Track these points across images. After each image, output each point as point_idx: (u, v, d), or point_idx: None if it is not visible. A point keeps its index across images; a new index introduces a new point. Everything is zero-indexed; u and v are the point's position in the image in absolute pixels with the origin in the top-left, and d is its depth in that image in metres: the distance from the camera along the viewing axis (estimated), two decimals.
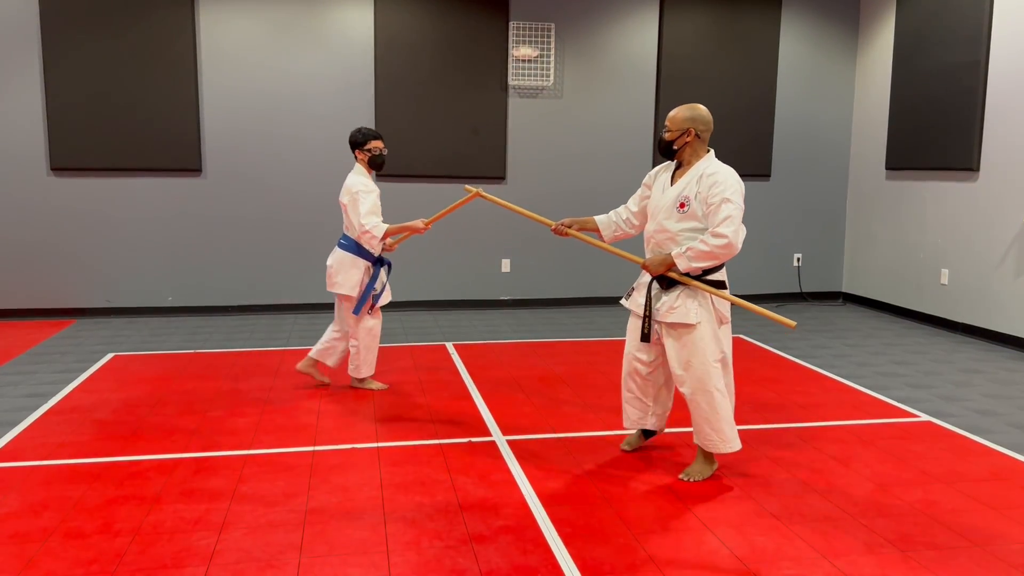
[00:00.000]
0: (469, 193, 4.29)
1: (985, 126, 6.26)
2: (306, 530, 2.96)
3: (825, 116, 7.90)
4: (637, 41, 7.49)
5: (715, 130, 3.64)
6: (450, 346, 5.95)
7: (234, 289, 7.14)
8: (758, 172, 7.76)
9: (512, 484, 3.40)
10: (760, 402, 4.60)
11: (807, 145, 7.89)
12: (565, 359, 5.56)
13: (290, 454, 3.73)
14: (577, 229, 3.83)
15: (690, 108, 3.44)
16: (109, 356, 5.54)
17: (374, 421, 4.21)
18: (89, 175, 6.81)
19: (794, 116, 7.81)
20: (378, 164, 4.66)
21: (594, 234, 3.85)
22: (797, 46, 7.75)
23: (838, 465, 3.65)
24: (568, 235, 3.82)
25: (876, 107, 7.55)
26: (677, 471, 3.54)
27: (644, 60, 7.52)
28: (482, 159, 7.33)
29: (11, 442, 3.86)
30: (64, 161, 6.72)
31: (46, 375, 5.06)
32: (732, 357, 3.51)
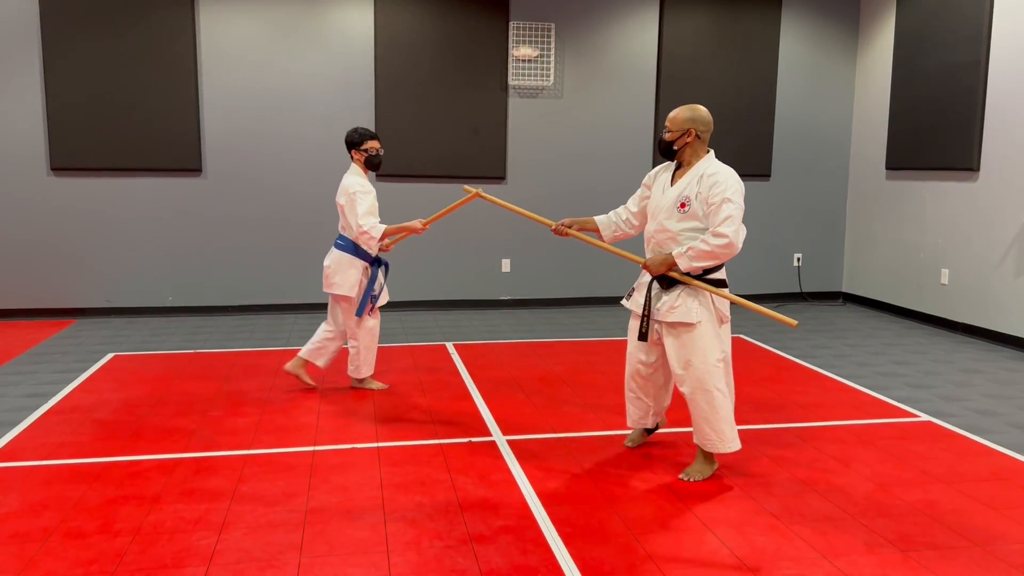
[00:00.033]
0: (468, 194, 4.28)
1: (985, 126, 6.26)
2: (306, 530, 2.96)
3: (825, 116, 7.90)
4: (637, 41, 7.49)
5: (715, 130, 3.64)
6: (450, 346, 5.95)
7: (234, 289, 7.14)
8: (758, 172, 7.76)
9: (512, 484, 3.40)
10: (760, 402, 4.60)
11: (807, 145, 7.89)
12: (565, 359, 5.56)
13: (290, 454, 3.73)
14: (577, 229, 3.83)
15: (690, 109, 3.45)
16: (109, 356, 5.54)
17: (374, 421, 4.21)
18: (89, 175, 6.81)
19: (794, 116, 7.81)
20: (375, 164, 4.64)
21: (594, 234, 3.85)
22: (797, 46, 7.75)
23: (838, 465, 3.65)
24: (568, 235, 3.83)
25: (876, 107, 7.55)
26: (677, 471, 3.54)
27: (644, 60, 7.52)
28: (482, 159, 7.33)
29: (11, 442, 3.86)
30: (64, 161, 6.72)
31: (46, 375, 5.06)
32: (731, 357, 3.52)
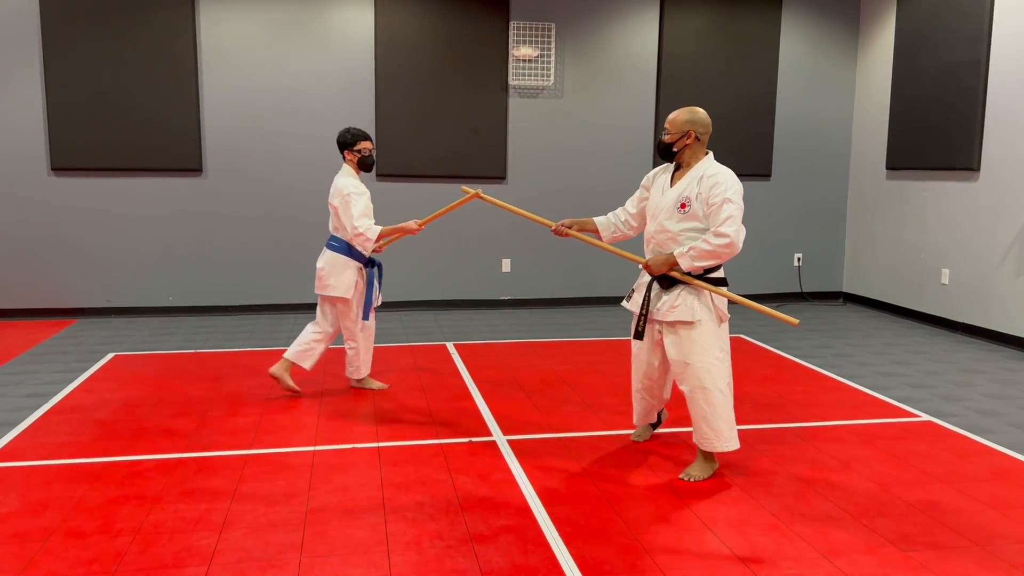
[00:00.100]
0: (467, 194, 4.28)
1: (986, 126, 6.25)
2: (307, 530, 2.96)
3: (825, 116, 7.89)
4: (637, 41, 7.49)
5: (715, 130, 3.65)
6: (450, 346, 5.95)
7: (234, 289, 7.14)
8: (758, 172, 7.76)
9: (512, 484, 3.40)
10: (760, 402, 4.60)
11: (807, 145, 7.89)
12: (565, 359, 5.56)
13: (290, 454, 3.73)
14: (577, 230, 3.85)
15: (689, 111, 3.47)
16: (109, 356, 5.54)
17: (374, 421, 4.21)
18: (89, 175, 6.81)
19: (794, 116, 7.81)
20: (367, 165, 4.59)
21: (593, 235, 3.86)
22: (797, 46, 7.75)
23: (838, 465, 3.65)
24: (568, 236, 3.85)
25: (876, 107, 7.54)
26: (677, 471, 3.54)
27: (644, 60, 7.52)
28: (482, 159, 7.33)
29: (11, 442, 3.86)
30: (64, 161, 6.72)
31: (46, 375, 5.06)
32: (731, 356, 3.52)
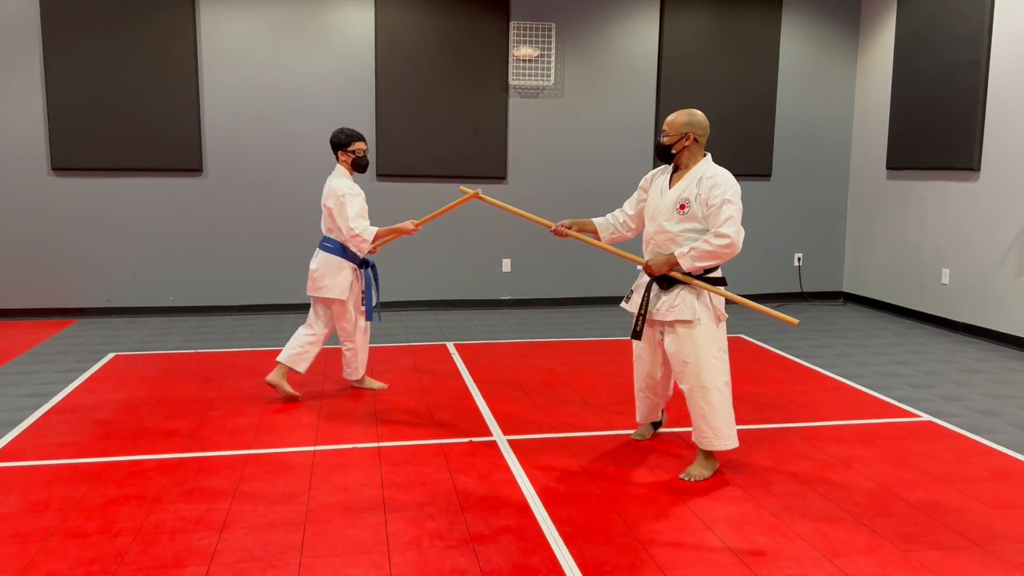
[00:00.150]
0: (465, 194, 4.27)
1: (986, 126, 6.25)
2: (307, 530, 2.96)
3: (826, 116, 7.89)
4: (638, 41, 7.49)
5: (715, 130, 3.67)
6: (451, 346, 5.95)
7: (234, 289, 7.14)
8: (759, 172, 7.75)
9: (513, 484, 3.40)
10: (760, 402, 4.60)
11: (808, 145, 7.89)
12: (566, 359, 5.56)
13: (290, 454, 3.73)
14: (576, 231, 3.86)
15: (688, 113, 3.49)
16: (110, 356, 5.54)
17: (374, 421, 4.22)
18: (90, 175, 6.81)
19: (795, 116, 7.81)
20: (362, 166, 4.55)
21: (592, 236, 3.88)
22: (798, 46, 7.74)
23: (839, 465, 3.65)
24: (567, 236, 3.86)
25: (877, 107, 7.54)
26: (678, 471, 3.54)
27: (644, 60, 7.52)
28: (482, 159, 7.33)
29: (12, 442, 3.86)
30: (65, 161, 6.72)
31: (47, 375, 5.06)
32: (729, 356, 3.53)
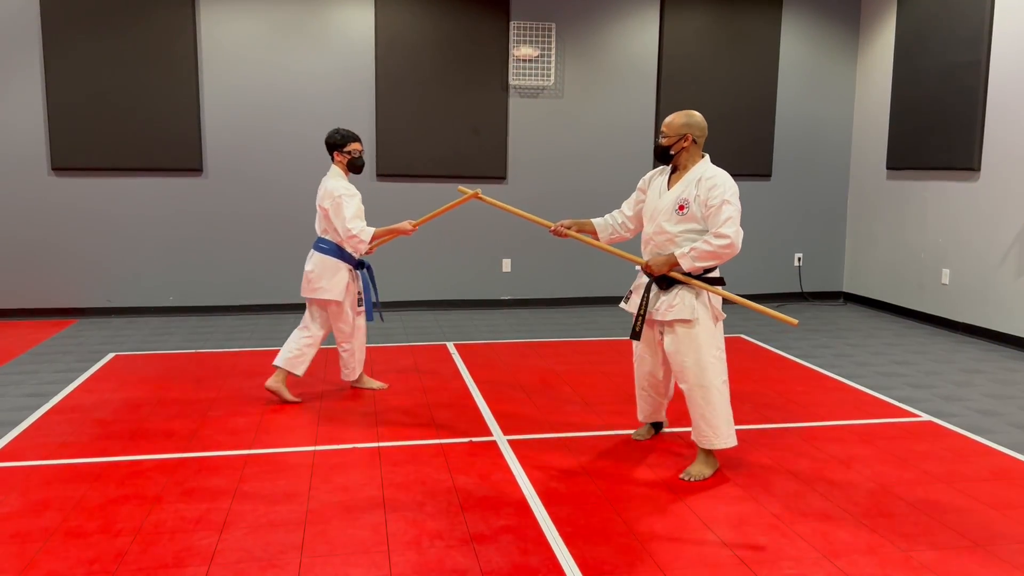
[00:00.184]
0: (464, 195, 4.26)
1: (986, 126, 6.25)
2: (307, 530, 2.96)
3: (826, 116, 7.89)
4: (638, 41, 7.49)
5: (716, 130, 3.67)
6: (451, 346, 5.95)
7: (234, 289, 7.14)
8: (759, 172, 7.75)
9: (513, 484, 3.40)
10: (760, 402, 4.60)
11: (808, 145, 7.89)
12: (566, 359, 5.56)
13: (290, 454, 3.73)
14: (575, 231, 3.87)
15: (686, 115, 3.51)
16: (110, 356, 5.54)
17: (374, 421, 4.22)
18: (90, 175, 6.81)
19: (795, 116, 7.81)
20: (357, 167, 4.51)
21: (591, 236, 3.88)
22: (798, 46, 7.74)
23: (839, 465, 3.65)
24: (566, 236, 3.87)
25: (877, 107, 7.54)
26: (678, 470, 3.54)
27: (645, 60, 7.52)
28: (482, 159, 7.33)
29: (12, 442, 3.86)
30: (65, 161, 6.72)
31: (47, 375, 5.06)
32: (730, 356, 3.54)
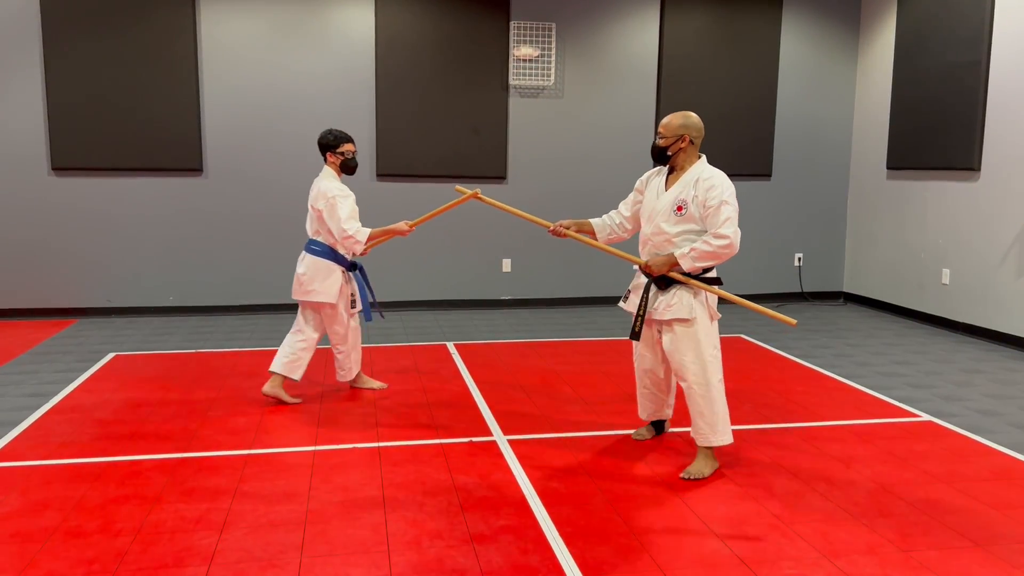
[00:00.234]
0: (462, 195, 4.25)
1: (986, 126, 6.25)
2: (307, 529, 2.96)
3: (826, 116, 7.89)
4: (638, 41, 7.49)
5: (716, 130, 3.68)
6: (451, 346, 5.95)
7: (234, 289, 7.14)
8: (759, 172, 7.74)
9: (513, 483, 3.40)
10: (760, 402, 4.60)
11: (808, 145, 7.89)
12: (566, 359, 5.56)
13: (290, 454, 3.73)
14: (574, 231, 3.88)
15: (683, 115, 3.53)
16: (110, 356, 5.54)
17: (374, 421, 4.22)
18: (90, 175, 6.81)
19: (795, 116, 7.81)
20: (350, 168, 4.46)
21: (590, 236, 3.89)
22: (798, 46, 7.74)
23: (839, 465, 3.65)
24: (565, 236, 3.87)
25: (877, 107, 7.54)
26: (678, 470, 3.54)
27: (645, 60, 7.52)
28: (482, 159, 7.33)
29: (12, 442, 3.86)
30: (65, 161, 6.72)
31: (47, 375, 5.06)
32: (730, 356, 3.54)
